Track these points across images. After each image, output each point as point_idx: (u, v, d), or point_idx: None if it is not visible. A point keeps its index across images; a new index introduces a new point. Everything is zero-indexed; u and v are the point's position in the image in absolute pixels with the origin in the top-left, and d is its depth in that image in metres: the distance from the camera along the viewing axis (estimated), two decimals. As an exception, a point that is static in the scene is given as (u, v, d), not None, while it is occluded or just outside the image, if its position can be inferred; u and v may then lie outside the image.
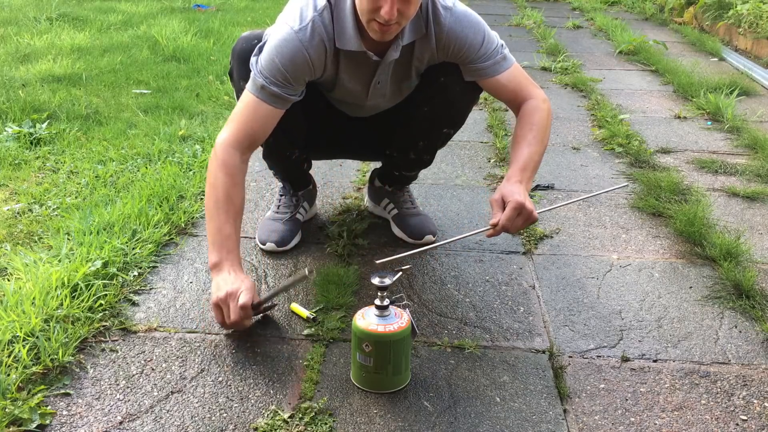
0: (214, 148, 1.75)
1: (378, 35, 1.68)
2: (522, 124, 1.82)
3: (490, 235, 1.69)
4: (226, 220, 1.69)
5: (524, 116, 1.83)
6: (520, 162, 1.75)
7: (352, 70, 1.83)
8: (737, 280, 1.96)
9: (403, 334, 1.50)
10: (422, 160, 2.14)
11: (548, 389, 1.56)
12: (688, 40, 5.52)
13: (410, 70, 1.87)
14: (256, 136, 1.77)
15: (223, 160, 1.72)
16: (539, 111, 1.82)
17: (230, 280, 1.65)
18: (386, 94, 1.93)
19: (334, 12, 1.73)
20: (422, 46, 1.81)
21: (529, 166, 1.75)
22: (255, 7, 6.52)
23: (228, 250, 1.69)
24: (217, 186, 1.71)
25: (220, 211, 1.70)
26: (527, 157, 1.76)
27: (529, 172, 1.75)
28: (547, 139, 1.82)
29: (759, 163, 2.90)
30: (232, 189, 1.71)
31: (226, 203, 1.70)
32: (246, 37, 1.89)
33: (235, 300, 1.62)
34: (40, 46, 4.60)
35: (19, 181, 2.59)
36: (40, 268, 1.87)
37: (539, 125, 1.80)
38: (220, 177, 1.71)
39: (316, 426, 1.43)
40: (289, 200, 2.22)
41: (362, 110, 2.02)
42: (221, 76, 4.05)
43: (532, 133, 1.79)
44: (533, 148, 1.77)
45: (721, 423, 1.48)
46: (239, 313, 1.62)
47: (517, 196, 1.64)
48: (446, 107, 1.94)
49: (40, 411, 1.43)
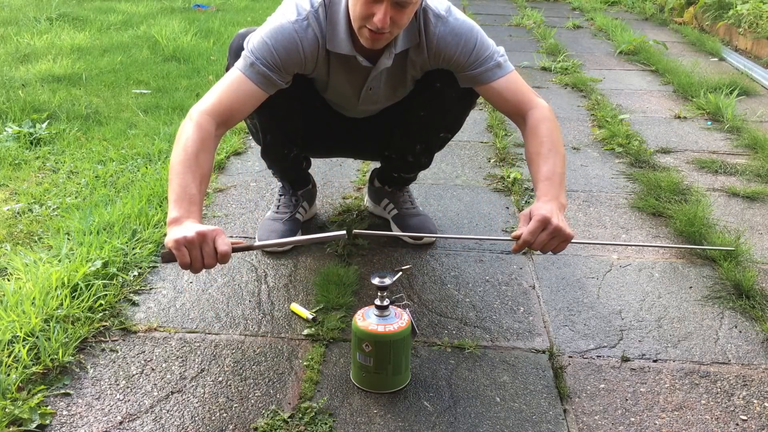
0: (190, 112, 1.63)
1: (369, 42, 1.66)
2: (531, 140, 1.72)
3: (514, 250, 1.60)
4: (193, 180, 1.52)
5: (531, 131, 1.73)
6: (543, 179, 1.64)
7: (343, 74, 1.83)
8: (737, 280, 1.96)
9: (403, 334, 1.50)
10: (420, 162, 2.15)
11: (548, 389, 1.56)
12: (688, 40, 5.52)
13: (405, 77, 1.87)
14: (234, 112, 1.68)
15: (198, 123, 1.60)
16: (545, 122, 1.73)
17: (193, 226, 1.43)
18: (379, 100, 1.93)
19: (328, 12, 1.72)
20: (416, 54, 1.80)
21: (554, 180, 1.64)
22: (255, 7, 6.52)
23: (191, 207, 1.49)
24: (188, 147, 1.55)
25: (187, 171, 1.53)
26: (549, 172, 1.65)
27: (557, 186, 1.63)
28: (562, 148, 1.71)
29: (759, 163, 2.90)
30: (202, 153, 1.57)
31: (195, 164, 1.54)
32: (242, 34, 1.90)
33: (210, 242, 1.41)
34: (40, 46, 4.60)
35: (19, 181, 2.59)
36: (40, 268, 1.87)
37: (550, 137, 1.70)
38: (192, 138, 1.57)
39: (316, 426, 1.43)
40: (289, 200, 2.22)
41: (355, 112, 2.03)
42: (221, 76, 4.05)
43: (545, 147, 1.68)
44: (551, 161, 1.66)
45: (721, 423, 1.48)
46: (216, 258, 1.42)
47: (543, 211, 1.53)
48: (442, 112, 1.94)
49: (40, 411, 1.43)
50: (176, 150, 1.57)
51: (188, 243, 1.39)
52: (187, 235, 1.39)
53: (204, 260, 1.41)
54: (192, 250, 1.40)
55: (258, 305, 1.85)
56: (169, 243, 1.41)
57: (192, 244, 1.39)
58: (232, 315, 1.81)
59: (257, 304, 1.86)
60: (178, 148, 1.57)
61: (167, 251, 1.43)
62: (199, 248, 1.40)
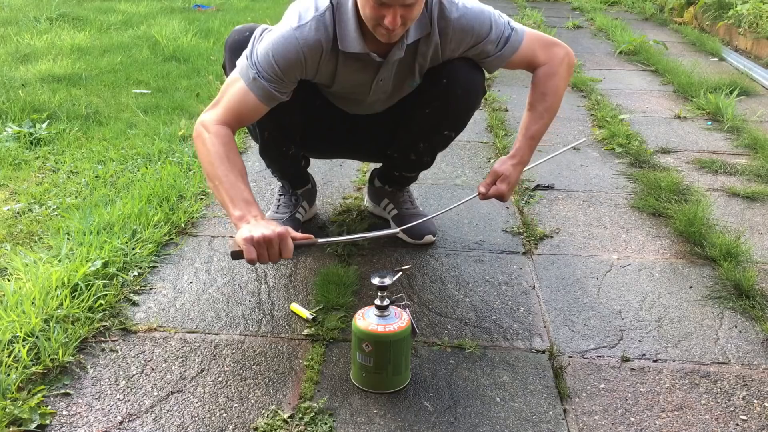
0: (203, 125, 1.70)
1: (386, 38, 1.69)
2: (535, 90, 1.89)
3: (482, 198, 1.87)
4: (236, 178, 1.65)
5: (538, 83, 1.88)
6: (527, 137, 1.88)
7: (353, 70, 1.83)
8: (737, 280, 1.96)
9: (403, 334, 1.50)
10: (422, 161, 2.14)
11: (548, 389, 1.56)
12: (688, 40, 5.52)
13: (413, 68, 1.87)
14: (243, 119, 1.77)
15: (215, 133, 1.69)
16: (553, 77, 1.88)
17: (266, 224, 1.58)
18: (388, 90, 1.93)
19: (336, 14, 1.73)
20: (426, 43, 1.81)
21: (534, 142, 1.90)
22: (255, 7, 6.52)
23: (249, 206, 1.62)
24: (218, 154, 1.66)
25: (228, 173, 1.65)
26: (536, 132, 1.89)
27: (532, 148, 1.90)
28: (559, 103, 1.91)
29: (759, 163, 2.90)
30: (230, 154, 1.68)
31: (231, 165, 1.66)
32: (238, 30, 1.91)
33: (276, 245, 1.55)
34: (40, 46, 4.60)
35: (19, 181, 2.59)
36: (40, 268, 1.87)
37: (554, 94, 1.89)
38: (217, 146, 1.67)
39: (316, 426, 1.43)
40: (289, 200, 2.22)
41: (361, 106, 2.02)
42: (221, 76, 4.04)
43: (544, 104, 1.88)
44: (543, 122, 1.89)
45: (721, 423, 1.48)
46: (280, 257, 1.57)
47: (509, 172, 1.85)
48: (448, 109, 1.94)
49: (40, 411, 1.43)
50: (206, 161, 1.68)
51: (256, 243, 1.54)
52: (254, 236, 1.53)
53: (270, 258, 1.56)
54: (260, 249, 1.54)
55: (258, 305, 1.85)
56: (239, 240, 1.55)
57: (260, 244, 1.54)
58: (232, 315, 1.81)
59: (257, 304, 1.86)
60: (208, 159, 1.67)
61: (238, 249, 1.57)
62: (266, 249, 1.55)
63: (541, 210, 2.46)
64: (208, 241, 2.18)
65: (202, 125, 1.71)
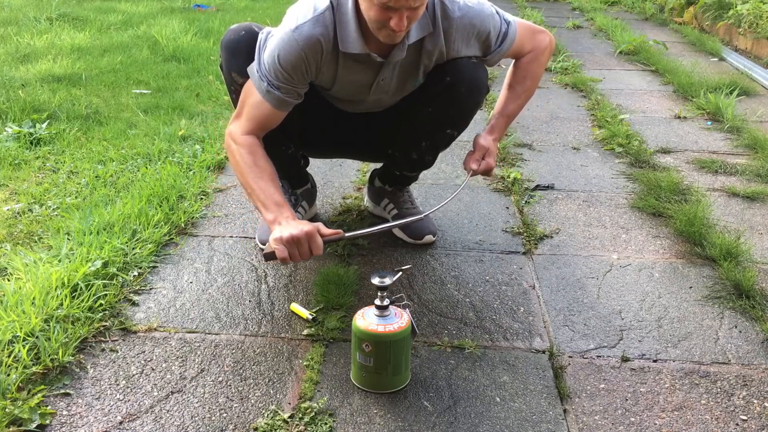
0: (231, 136, 1.81)
1: (390, 39, 1.70)
2: (515, 72, 2.00)
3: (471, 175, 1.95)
4: (266, 183, 1.75)
5: (521, 66, 1.99)
6: (504, 115, 2.00)
7: (353, 70, 1.83)
8: (737, 280, 1.96)
9: (403, 334, 1.50)
10: (424, 160, 2.14)
11: (548, 389, 1.56)
12: (688, 40, 5.52)
13: (418, 68, 1.87)
14: (267, 126, 1.84)
15: (242, 143, 1.79)
16: (535, 62, 1.97)
17: (296, 224, 1.67)
18: (390, 90, 1.93)
19: (336, 15, 1.73)
20: (431, 43, 1.81)
21: (509, 119, 2.01)
22: (255, 7, 6.53)
23: (280, 208, 1.71)
24: (247, 163, 1.77)
25: (257, 179, 1.75)
26: (512, 112, 2.00)
27: (507, 125, 2.02)
28: (536, 84, 2.02)
29: (759, 163, 2.90)
30: (259, 160, 1.78)
31: (260, 171, 1.76)
32: (234, 29, 1.91)
33: (306, 244, 1.64)
34: (40, 46, 4.60)
35: (19, 181, 2.59)
36: (40, 268, 1.87)
37: (533, 78, 1.99)
38: (245, 155, 1.77)
39: (316, 426, 1.43)
40: (288, 199, 2.22)
41: (362, 106, 2.02)
42: (221, 76, 4.05)
43: (523, 86, 1.99)
44: (520, 102, 2.00)
45: (721, 423, 1.48)
46: (310, 255, 1.66)
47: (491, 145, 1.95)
48: (451, 108, 1.94)
49: (40, 411, 1.43)
50: (237, 171, 1.80)
51: (286, 242, 1.62)
52: (284, 236, 1.62)
53: (301, 256, 1.65)
54: (290, 248, 1.63)
55: (258, 305, 1.85)
56: (271, 242, 1.64)
57: (290, 244, 1.63)
58: (232, 315, 1.81)
59: (257, 304, 1.86)
60: (238, 169, 1.79)
61: (270, 251, 1.65)
62: (296, 247, 1.64)
63: (541, 210, 2.46)
64: (208, 241, 2.18)
65: (230, 137, 1.81)
